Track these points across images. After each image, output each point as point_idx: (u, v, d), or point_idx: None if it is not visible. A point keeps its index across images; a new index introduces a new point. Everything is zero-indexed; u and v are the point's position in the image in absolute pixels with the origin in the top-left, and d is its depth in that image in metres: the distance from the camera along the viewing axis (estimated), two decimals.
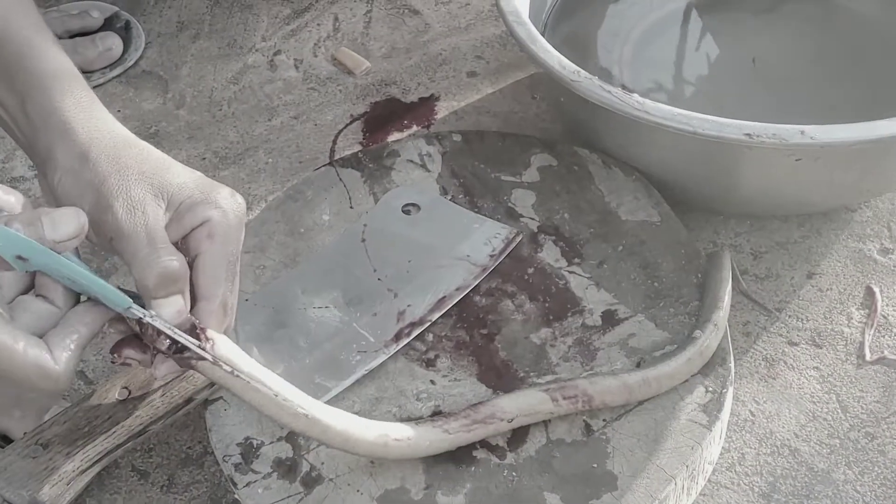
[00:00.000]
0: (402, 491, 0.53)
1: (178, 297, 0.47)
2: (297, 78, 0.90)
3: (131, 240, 0.47)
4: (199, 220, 0.49)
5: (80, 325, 0.44)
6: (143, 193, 0.49)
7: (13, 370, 0.42)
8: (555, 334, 0.61)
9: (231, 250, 0.50)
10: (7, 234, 0.40)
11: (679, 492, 0.54)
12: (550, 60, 0.65)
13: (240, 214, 0.51)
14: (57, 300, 0.44)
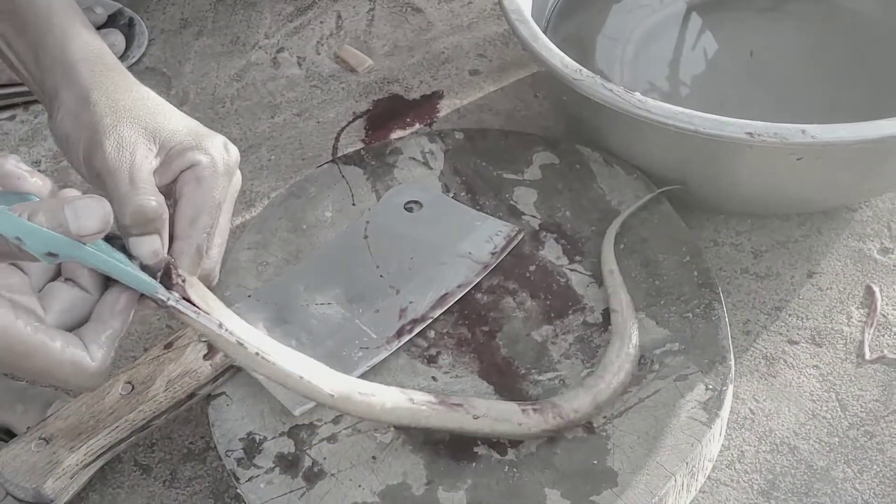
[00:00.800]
0: (404, 486, 0.54)
1: (155, 237, 0.48)
2: (299, 75, 0.90)
3: (115, 177, 0.49)
4: (187, 164, 0.51)
5: (113, 318, 0.45)
6: (134, 135, 0.50)
7: (50, 369, 0.43)
8: (556, 332, 0.61)
9: (214, 196, 0.51)
10: (34, 231, 0.40)
11: (679, 489, 0.54)
12: (553, 59, 0.65)
13: (229, 164, 0.52)
14: (86, 284, 0.45)
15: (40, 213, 0.41)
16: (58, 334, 0.43)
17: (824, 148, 0.59)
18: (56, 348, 0.42)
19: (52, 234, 0.40)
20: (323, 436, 0.56)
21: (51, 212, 0.41)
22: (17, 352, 0.42)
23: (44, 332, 0.42)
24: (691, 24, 0.86)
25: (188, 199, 0.51)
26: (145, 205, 0.48)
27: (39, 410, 0.62)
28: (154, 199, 0.48)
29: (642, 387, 0.57)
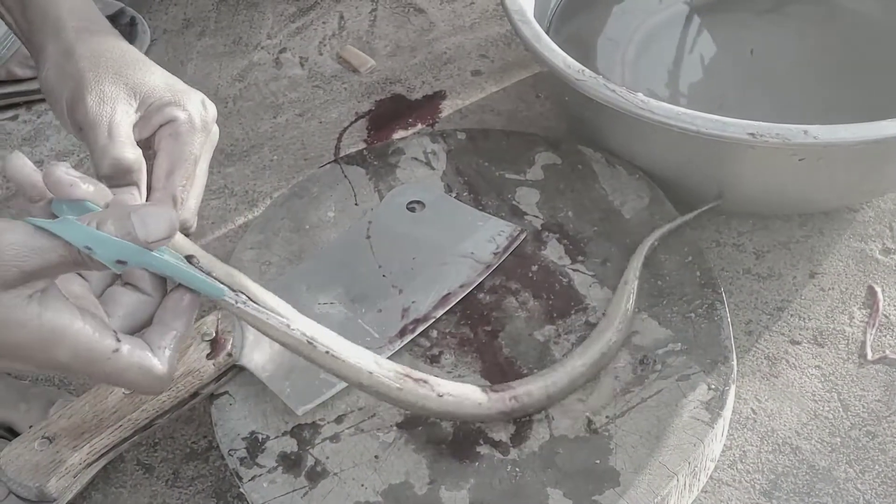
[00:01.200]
0: (406, 486, 0.54)
1: (133, 188, 0.51)
2: (302, 76, 0.90)
3: (95, 130, 0.51)
4: (165, 119, 0.53)
5: (176, 320, 0.45)
6: (115, 90, 0.52)
7: (119, 374, 0.43)
8: (558, 331, 0.61)
9: (191, 150, 0.53)
10: (105, 240, 0.40)
11: (681, 488, 0.54)
12: (555, 59, 0.66)
13: (206, 120, 0.54)
14: (147, 288, 0.46)
15: (108, 222, 0.41)
16: (125, 339, 0.44)
17: (826, 148, 0.60)
18: (124, 354, 0.43)
19: (122, 242, 0.40)
20: (326, 435, 0.56)
21: (119, 220, 0.41)
22: (86, 358, 0.42)
23: (111, 337, 0.43)
24: (692, 25, 0.86)
25: (165, 153, 0.53)
26: (122, 157, 0.50)
27: (42, 409, 0.62)
28: (131, 152, 0.51)
29: (645, 386, 0.57)
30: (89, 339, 0.42)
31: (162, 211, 0.42)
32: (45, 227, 0.40)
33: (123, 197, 0.48)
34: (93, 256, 0.40)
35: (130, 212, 0.41)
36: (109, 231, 0.41)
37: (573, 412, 0.56)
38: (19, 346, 0.41)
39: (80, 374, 0.43)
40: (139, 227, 0.41)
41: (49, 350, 0.41)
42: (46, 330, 0.41)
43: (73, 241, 0.40)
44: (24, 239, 0.40)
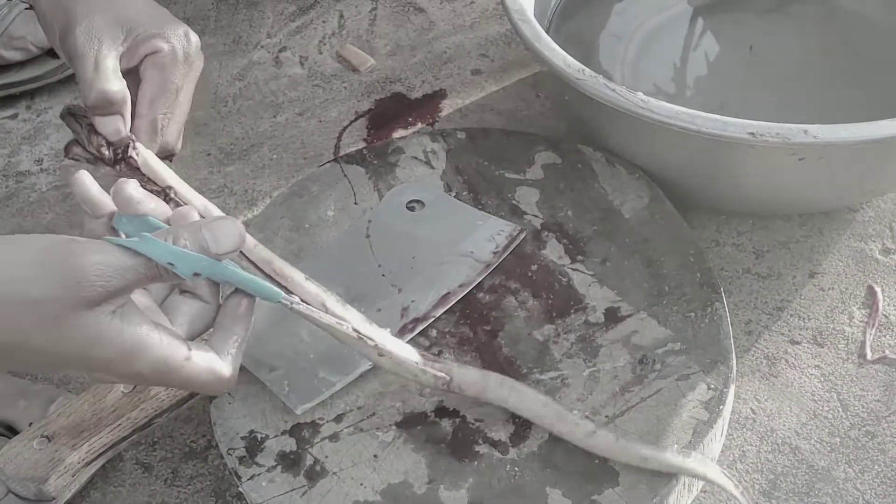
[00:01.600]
0: (406, 485, 0.54)
1: (117, 117, 0.56)
2: (301, 75, 0.90)
3: (83, 62, 0.55)
4: (150, 50, 0.57)
5: (236, 324, 0.48)
6: (103, 23, 0.56)
7: (191, 380, 0.46)
8: (557, 331, 0.61)
9: (173, 81, 0.58)
10: (184, 255, 0.43)
11: (680, 488, 0.54)
12: (555, 58, 0.66)
13: (189, 52, 0.58)
14: (204, 295, 0.48)
15: (183, 238, 0.44)
16: (194, 346, 0.46)
17: (826, 148, 0.59)
18: (195, 360, 0.45)
19: (198, 256, 0.43)
20: (325, 434, 0.56)
21: (192, 235, 0.44)
22: (164, 368, 0.45)
23: (184, 346, 0.45)
24: (693, 25, 0.86)
25: (149, 82, 0.57)
26: (107, 88, 0.55)
27: (41, 407, 0.62)
28: (115, 85, 0.55)
29: (644, 386, 0.57)
30: (165, 349, 0.44)
31: (229, 225, 0.45)
32: (128, 246, 0.42)
33: (183, 211, 0.49)
34: (173, 271, 0.43)
35: (202, 227, 0.44)
36: (185, 246, 0.43)
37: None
38: (108, 360, 0.43)
39: (157, 382, 0.46)
40: (211, 241, 0.44)
41: (132, 362, 0.44)
42: (129, 344, 0.43)
43: (157, 257, 0.42)
44: (108, 258, 0.42)
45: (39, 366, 0.46)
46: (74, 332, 0.42)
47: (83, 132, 0.57)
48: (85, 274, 0.41)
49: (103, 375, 0.45)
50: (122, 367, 0.44)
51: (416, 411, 0.57)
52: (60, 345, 0.42)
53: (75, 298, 0.41)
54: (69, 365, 0.44)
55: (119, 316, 0.43)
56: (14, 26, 0.88)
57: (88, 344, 0.42)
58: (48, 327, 0.41)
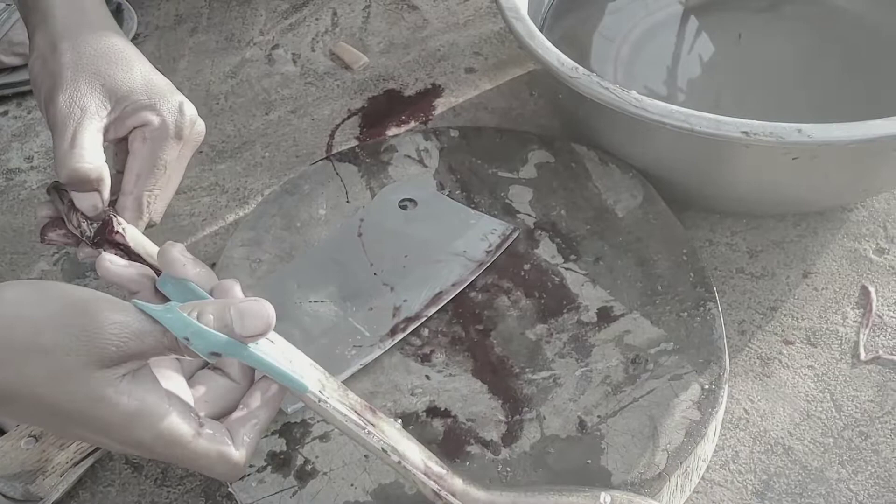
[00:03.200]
0: (397, 485, 0.53)
1: (94, 194, 0.52)
2: (294, 72, 0.90)
3: (60, 134, 0.52)
4: (138, 122, 0.54)
5: (260, 410, 0.46)
6: (89, 91, 0.53)
7: (196, 459, 0.44)
8: (550, 331, 0.61)
9: (160, 157, 0.54)
10: (203, 333, 0.41)
11: (673, 489, 0.54)
12: (549, 57, 0.65)
13: (181, 126, 0.55)
14: (234, 374, 0.46)
15: (208, 314, 0.42)
16: (207, 424, 0.44)
17: (820, 147, 0.59)
18: (203, 440, 0.43)
19: (218, 336, 0.41)
20: (315, 434, 0.56)
21: (218, 313, 0.42)
22: (167, 441, 0.43)
23: (194, 423, 0.43)
24: (687, 24, 0.86)
25: (135, 157, 0.54)
26: (78, 168, 0.51)
27: None
28: (88, 164, 0.51)
29: (637, 386, 0.57)
30: (172, 422, 0.42)
31: (259, 308, 0.43)
32: (149, 313, 0.41)
33: (226, 285, 0.47)
34: (189, 346, 0.41)
35: (230, 305, 0.42)
36: (209, 322, 0.42)
37: (565, 412, 0.56)
38: (106, 422, 0.41)
39: (161, 454, 0.43)
40: (237, 322, 0.42)
41: (133, 429, 0.42)
42: (133, 410, 0.41)
43: (174, 330, 0.41)
44: (127, 321, 0.41)
45: (44, 420, 0.43)
46: (81, 388, 0.40)
47: (64, 208, 0.53)
48: (102, 331, 0.40)
49: (105, 440, 0.43)
50: (122, 432, 0.42)
51: (408, 411, 0.57)
52: (65, 399, 0.41)
53: (88, 353, 0.40)
54: (73, 423, 0.42)
55: (129, 380, 0.42)
56: (14, 32, 0.87)
57: (93, 402, 0.41)
58: (56, 379, 0.40)
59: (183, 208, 0.77)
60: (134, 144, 0.54)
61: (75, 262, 0.74)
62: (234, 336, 0.42)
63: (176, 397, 0.43)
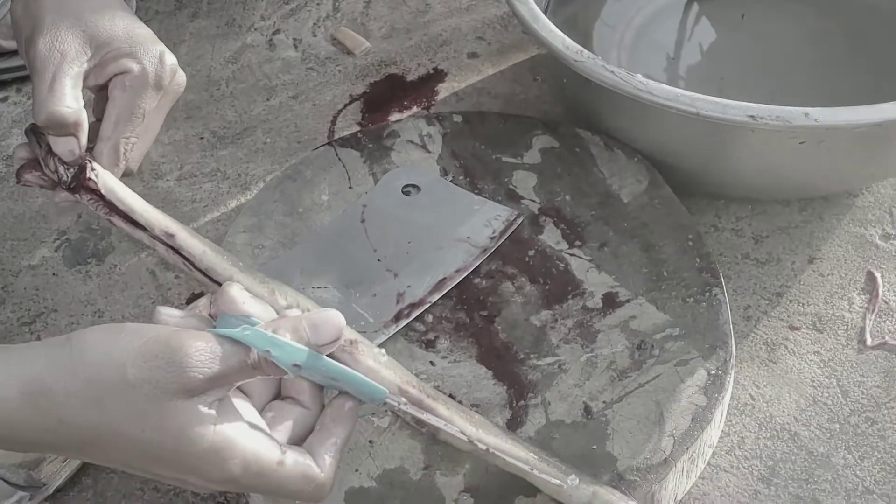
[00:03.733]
0: (401, 471, 0.53)
1: (71, 138, 0.53)
2: (295, 58, 0.89)
3: (40, 77, 0.52)
4: (118, 70, 0.54)
5: (337, 427, 0.45)
6: (69, 36, 0.53)
7: (282, 486, 0.43)
8: (555, 316, 0.60)
9: (139, 104, 0.55)
10: (283, 345, 0.42)
11: (679, 474, 0.54)
12: (554, 40, 0.65)
13: (161, 75, 0.55)
14: (306, 401, 0.46)
15: (283, 329, 0.42)
16: (288, 451, 0.44)
17: (827, 132, 0.59)
18: (288, 464, 0.43)
19: (297, 347, 0.42)
20: None
21: (293, 326, 0.43)
22: (255, 471, 0.42)
23: (277, 449, 0.43)
24: (690, 10, 0.85)
25: (114, 104, 0.54)
26: (56, 112, 0.51)
27: None
28: (67, 107, 0.51)
29: (642, 372, 0.56)
30: (258, 451, 0.42)
31: (329, 316, 0.43)
32: (228, 335, 0.41)
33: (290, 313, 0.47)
34: (271, 360, 0.42)
35: (302, 318, 0.43)
36: (285, 336, 0.42)
37: (570, 397, 0.56)
38: (199, 456, 0.41)
39: (247, 486, 0.43)
40: (311, 332, 0.43)
41: (222, 463, 0.41)
42: (220, 441, 0.41)
43: (256, 345, 0.41)
44: (210, 346, 0.40)
45: (129, 460, 0.42)
46: (168, 420, 0.40)
47: (41, 151, 0.54)
48: (188, 359, 0.40)
49: (192, 478, 0.42)
50: (211, 467, 0.42)
51: None
52: (152, 434, 0.40)
53: (174, 384, 0.40)
54: (159, 461, 0.42)
55: (216, 409, 0.41)
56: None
57: (181, 436, 0.40)
58: (143, 415, 0.40)
59: (184, 194, 0.77)
60: (113, 92, 0.55)
61: (76, 249, 0.74)
62: (310, 346, 0.43)
63: (257, 426, 0.43)
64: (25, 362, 0.40)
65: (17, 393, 0.39)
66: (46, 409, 0.40)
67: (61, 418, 0.40)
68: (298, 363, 0.42)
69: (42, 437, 0.41)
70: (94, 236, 0.74)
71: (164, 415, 0.40)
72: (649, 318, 0.59)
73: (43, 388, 0.39)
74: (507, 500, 0.52)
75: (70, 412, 0.40)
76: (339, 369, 0.44)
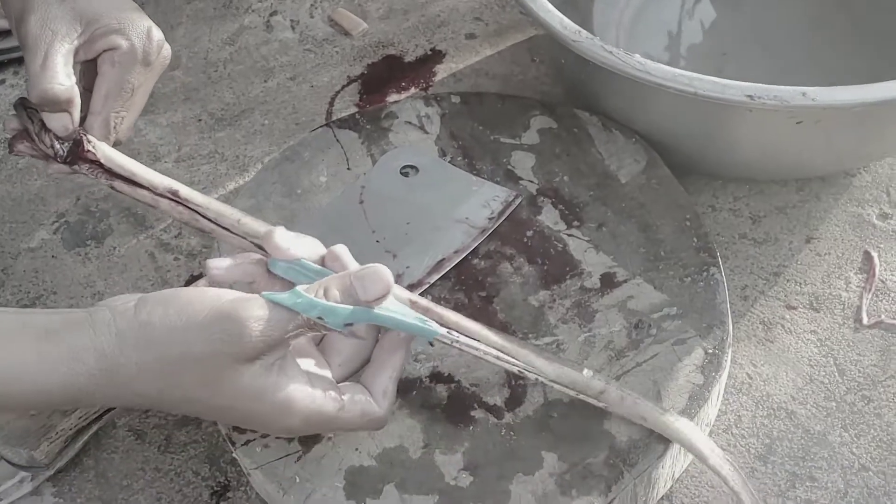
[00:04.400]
0: (401, 450, 0.53)
1: (64, 115, 0.54)
2: (293, 39, 0.89)
3: (32, 54, 0.53)
4: (107, 46, 0.55)
5: (392, 357, 0.49)
6: (60, 13, 0.54)
7: (345, 425, 0.48)
8: (553, 297, 0.61)
9: (128, 80, 0.56)
10: (334, 310, 0.44)
11: (676, 453, 0.54)
12: (552, 20, 0.64)
13: (148, 51, 0.57)
14: (360, 332, 0.48)
15: (333, 289, 0.45)
16: (347, 394, 0.48)
17: (824, 111, 0.59)
18: (347, 409, 0.47)
19: (346, 309, 0.45)
20: None
21: (341, 286, 0.45)
22: (316, 422, 0.47)
23: (337, 399, 0.47)
24: None
25: (104, 79, 0.56)
26: (49, 89, 0.53)
27: None
28: (60, 84, 0.53)
29: (640, 351, 0.57)
30: (320, 403, 0.46)
31: (376, 271, 0.46)
32: (280, 303, 0.44)
33: (337, 249, 0.50)
34: (323, 324, 0.44)
35: (349, 276, 0.46)
36: (335, 298, 0.45)
37: None
38: (263, 415, 0.46)
39: (312, 432, 0.49)
40: (360, 290, 0.45)
41: (285, 418, 0.46)
42: (284, 399, 0.45)
43: (306, 312, 0.44)
44: (264, 314, 0.44)
45: (200, 414, 0.48)
46: (235, 386, 0.44)
47: (34, 127, 0.55)
48: (245, 329, 0.43)
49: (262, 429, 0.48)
50: (278, 421, 0.46)
51: (412, 376, 0.57)
52: (221, 399, 0.45)
53: (235, 352, 0.43)
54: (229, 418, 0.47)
55: (277, 371, 0.45)
56: None
57: (246, 398, 0.45)
58: (210, 383, 0.44)
59: (182, 176, 0.77)
60: (103, 67, 0.56)
61: (75, 232, 0.74)
62: (360, 303, 0.45)
63: (317, 377, 0.47)
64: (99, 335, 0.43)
65: (93, 366, 0.43)
66: (121, 383, 0.44)
67: (135, 390, 0.44)
68: (350, 322, 0.45)
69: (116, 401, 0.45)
70: (93, 219, 0.75)
71: (230, 381, 0.44)
72: (647, 297, 0.60)
73: (116, 364, 0.43)
74: (506, 477, 0.52)
75: (143, 385, 0.44)
76: (390, 318, 0.47)
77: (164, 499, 0.58)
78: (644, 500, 0.54)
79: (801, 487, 0.56)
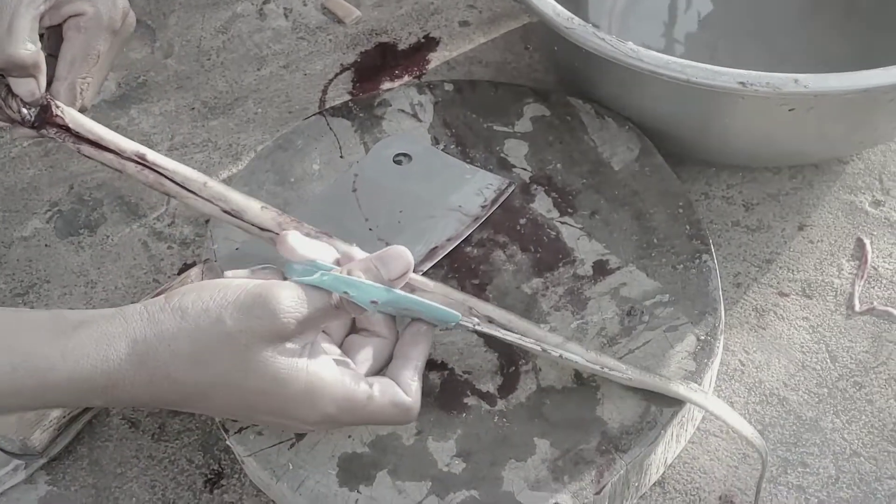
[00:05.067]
0: (394, 437, 0.54)
1: (31, 80, 0.54)
2: (286, 27, 0.89)
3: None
4: (73, 11, 0.56)
5: (415, 350, 0.49)
6: None
7: (376, 415, 0.48)
8: (546, 284, 0.61)
9: (93, 46, 0.57)
10: (359, 284, 0.46)
11: (668, 439, 0.54)
12: (545, 8, 0.64)
13: (114, 18, 0.58)
14: (381, 331, 0.50)
15: (356, 270, 0.47)
16: (375, 383, 0.48)
17: (817, 98, 0.59)
18: (377, 396, 0.47)
19: (373, 285, 0.46)
20: None
21: (364, 266, 0.47)
22: (348, 407, 0.47)
23: (366, 384, 0.47)
24: None
25: (70, 45, 0.56)
26: (15, 54, 0.53)
27: None
28: (26, 49, 0.53)
29: (632, 338, 0.57)
30: (349, 389, 0.46)
31: (397, 251, 0.48)
32: (308, 283, 0.45)
33: (350, 251, 0.51)
34: (350, 300, 0.46)
35: (371, 258, 0.48)
36: (359, 276, 0.46)
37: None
38: (293, 399, 0.46)
39: (341, 423, 0.48)
40: (382, 269, 0.47)
41: (316, 403, 0.46)
42: (313, 383, 0.45)
43: (334, 288, 0.45)
44: (297, 292, 0.45)
45: (230, 408, 0.47)
46: (267, 366, 0.44)
47: (1, 92, 0.55)
48: (278, 305, 0.44)
49: (292, 421, 0.47)
50: (307, 406, 0.46)
51: None
52: (253, 381, 0.45)
53: (268, 330, 0.44)
54: (259, 406, 0.46)
55: (307, 354, 0.46)
56: None
57: (278, 379, 0.45)
58: (242, 363, 0.44)
59: None
60: (68, 33, 0.56)
61: (68, 221, 0.74)
62: (382, 282, 0.47)
63: (345, 365, 0.48)
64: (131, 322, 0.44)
65: (124, 352, 0.43)
66: (154, 368, 0.44)
67: (169, 375, 0.44)
68: (375, 299, 0.46)
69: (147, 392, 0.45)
70: (86, 207, 0.74)
71: (262, 361, 0.44)
72: (639, 284, 0.60)
73: (149, 349, 0.44)
74: (499, 464, 0.52)
75: (177, 370, 0.44)
76: (413, 300, 0.48)
77: (158, 486, 0.59)
78: (636, 486, 0.55)
79: (793, 473, 0.57)
